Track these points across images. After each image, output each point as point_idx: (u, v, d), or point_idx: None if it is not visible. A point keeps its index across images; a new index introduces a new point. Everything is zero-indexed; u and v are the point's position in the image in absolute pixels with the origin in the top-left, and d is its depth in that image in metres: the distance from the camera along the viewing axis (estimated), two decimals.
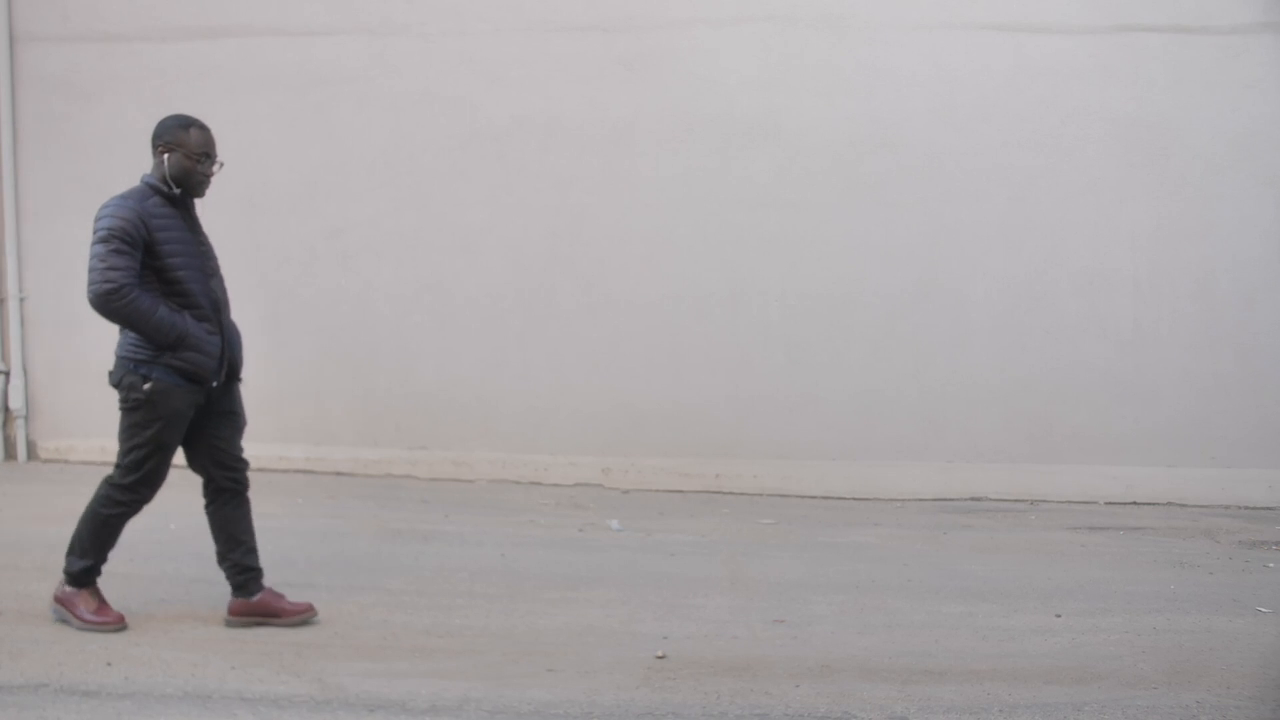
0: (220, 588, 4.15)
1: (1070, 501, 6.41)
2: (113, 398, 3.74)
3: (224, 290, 3.85)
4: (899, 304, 6.54)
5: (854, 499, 6.50)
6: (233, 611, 3.86)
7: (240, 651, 3.57)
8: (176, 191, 3.68)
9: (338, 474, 6.70)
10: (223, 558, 3.87)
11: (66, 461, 6.90)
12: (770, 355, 6.61)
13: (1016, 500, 6.45)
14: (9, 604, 3.99)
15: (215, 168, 3.76)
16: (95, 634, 3.68)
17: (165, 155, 3.67)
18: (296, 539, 5.13)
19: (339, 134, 6.68)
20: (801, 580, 4.66)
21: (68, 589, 3.78)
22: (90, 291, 3.54)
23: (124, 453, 3.70)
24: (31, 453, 7.00)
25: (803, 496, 6.53)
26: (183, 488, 4.00)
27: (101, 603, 3.77)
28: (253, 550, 3.88)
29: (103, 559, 3.79)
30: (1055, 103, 6.42)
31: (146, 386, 3.61)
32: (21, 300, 6.97)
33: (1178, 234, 6.42)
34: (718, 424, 6.62)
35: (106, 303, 3.54)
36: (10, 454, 6.97)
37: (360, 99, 6.70)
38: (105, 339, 6.99)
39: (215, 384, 3.75)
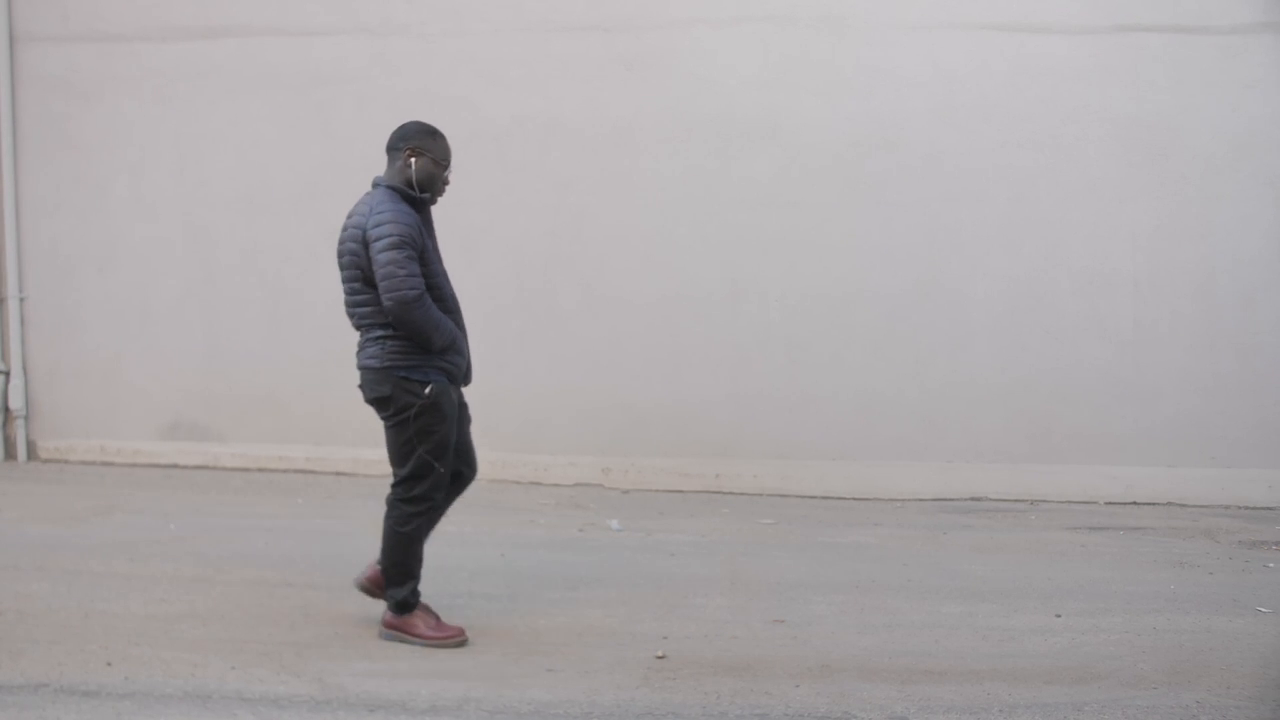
0: (220, 588, 4.18)
1: (1070, 501, 6.41)
2: (111, 398, 3.74)
3: None
4: (899, 304, 6.54)
5: (854, 499, 6.49)
6: (371, 579, 3.80)
7: (240, 651, 3.57)
8: (425, 195, 3.66)
9: (338, 474, 6.69)
10: None
11: (66, 461, 6.88)
12: (770, 355, 6.60)
13: (1016, 500, 6.45)
14: (9, 604, 3.98)
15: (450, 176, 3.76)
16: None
17: (413, 159, 3.63)
18: (296, 539, 5.13)
19: (339, 134, 6.66)
20: (801, 580, 4.66)
21: (399, 617, 3.73)
22: (393, 298, 3.50)
23: (406, 461, 3.67)
24: (31, 453, 6.99)
25: (803, 496, 6.52)
26: (181, 488, 4.02)
27: (438, 619, 3.76)
28: None
29: (419, 577, 3.75)
30: (1055, 103, 6.42)
31: (428, 390, 3.61)
32: (21, 300, 6.97)
33: (1178, 234, 6.42)
34: (717, 424, 6.61)
35: (409, 310, 3.52)
36: (10, 454, 6.96)
37: (360, 99, 6.70)
38: (105, 339, 7.07)
39: (465, 384, 3.82)
